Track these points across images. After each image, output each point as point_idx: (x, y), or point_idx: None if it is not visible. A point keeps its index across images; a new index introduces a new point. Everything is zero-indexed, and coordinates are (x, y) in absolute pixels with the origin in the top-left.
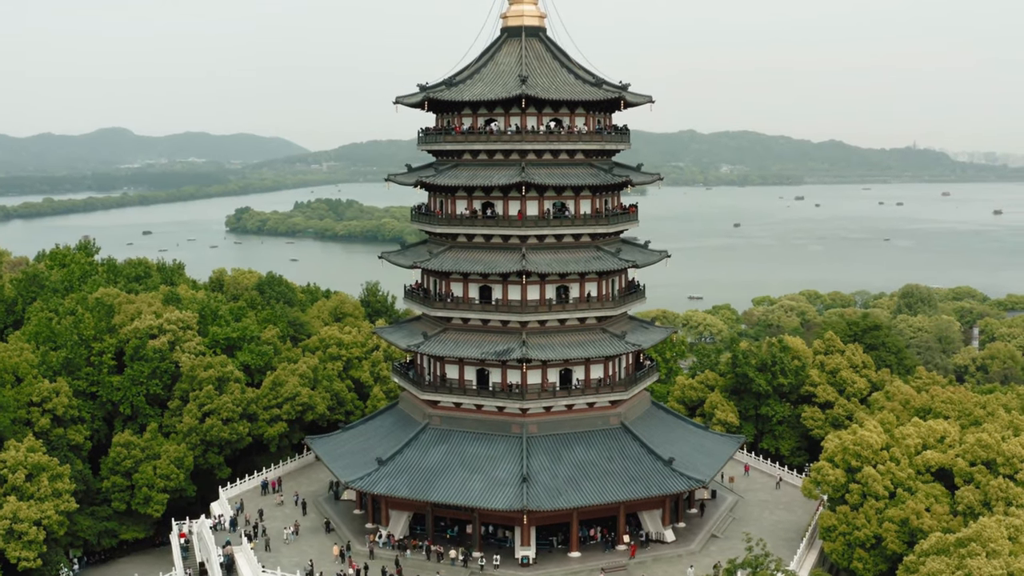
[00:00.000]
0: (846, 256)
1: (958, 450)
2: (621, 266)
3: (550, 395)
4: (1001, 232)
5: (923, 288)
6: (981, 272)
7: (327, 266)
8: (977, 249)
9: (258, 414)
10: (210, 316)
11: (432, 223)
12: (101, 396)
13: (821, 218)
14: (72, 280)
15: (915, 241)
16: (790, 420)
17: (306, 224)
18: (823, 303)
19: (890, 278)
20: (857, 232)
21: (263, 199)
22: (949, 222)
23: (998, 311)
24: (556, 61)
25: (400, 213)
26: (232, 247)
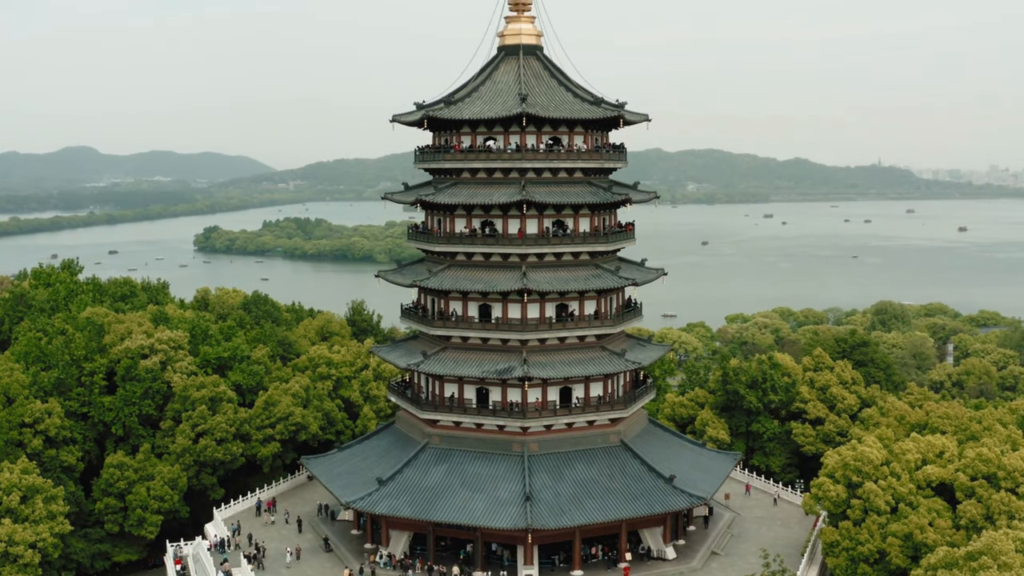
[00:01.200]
0: (815, 273)
1: (958, 464)
2: (621, 284)
3: (551, 413)
4: (968, 249)
5: (896, 305)
6: (950, 289)
7: (298, 285)
8: (945, 266)
9: (251, 434)
10: (200, 336)
11: (431, 242)
12: (93, 417)
13: (789, 236)
14: (58, 299)
15: (883, 258)
16: (780, 437)
17: (275, 243)
18: (796, 320)
19: (860, 295)
20: (825, 249)
21: (230, 218)
22: (916, 239)
23: (971, 327)
24: (554, 79)
25: (369, 232)
26: (201, 266)
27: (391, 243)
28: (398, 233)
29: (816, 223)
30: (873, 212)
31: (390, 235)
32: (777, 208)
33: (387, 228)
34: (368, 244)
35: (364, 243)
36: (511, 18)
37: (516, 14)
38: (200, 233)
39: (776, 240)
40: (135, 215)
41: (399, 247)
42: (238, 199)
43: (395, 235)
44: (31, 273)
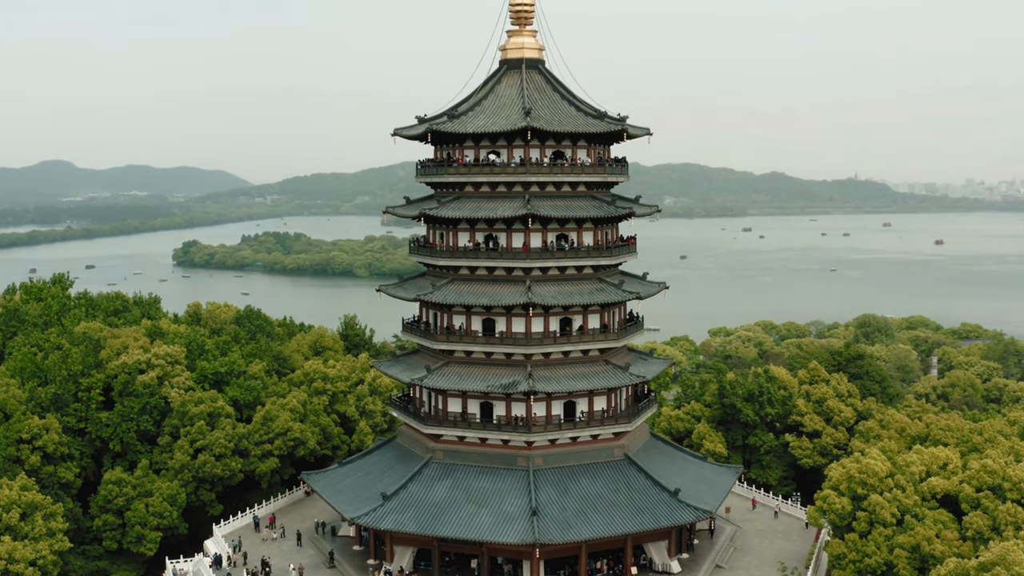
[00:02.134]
0: (795, 287)
1: (962, 476)
2: (625, 298)
3: (556, 428)
4: (946, 262)
5: (880, 318)
6: (931, 302)
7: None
8: (924, 279)
9: (249, 450)
10: (197, 350)
11: (434, 256)
12: (90, 432)
13: (767, 249)
14: (50, 314)
15: (861, 271)
16: (776, 450)
17: (254, 257)
18: (779, 333)
19: (840, 308)
20: (804, 263)
21: (208, 232)
22: (893, 252)
23: (953, 340)
24: (556, 93)
25: (348, 246)
26: (181, 281)
27: (371, 257)
28: (377, 247)
29: (794, 236)
30: (850, 225)
31: (369, 249)
32: (754, 222)
33: (366, 242)
34: (348, 258)
35: (344, 257)
36: (513, 32)
37: (518, 28)
38: (179, 247)
39: (755, 254)
40: (112, 229)
41: (379, 261)
42: (216, 213)
43: (374, 249)
44: (21, 287)
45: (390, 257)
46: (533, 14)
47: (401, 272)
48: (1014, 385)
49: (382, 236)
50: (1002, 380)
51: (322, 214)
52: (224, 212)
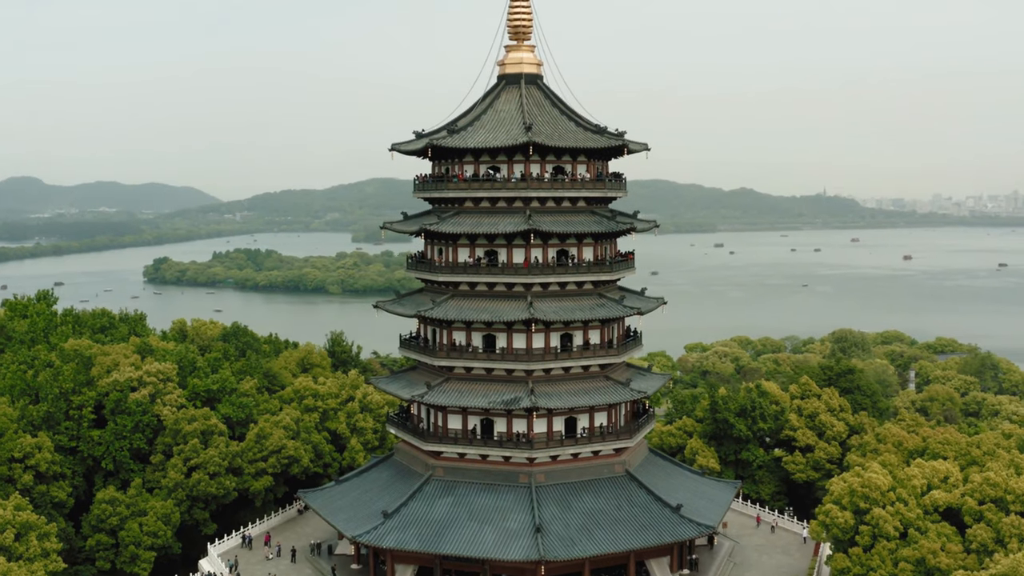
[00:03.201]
0: (767, 302)
1: (964, 489)
2: (627, 313)
3: (558, 444)
4: (917, 277)
5: (856, 333)
6: (902, 316)
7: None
8: (895, 294)
9: (243, 468)
10: (188, 368)
11: (434, 271)
12: (82, 451)
13: (738, 265)
14: (36, 331)
15: (833, 287)
16: (769, 465)
17: (226, 274)
18: (755, 349)
19: (813, 323)
20: (775, 278)
21: (178, 249)
22: (863, 267)
23: (929, 354)
24: (556, 108)
25: (321, 263)
26: (152, 298)
27: (343, 274)
28: (350, 264)
29: (764, 252)
30: (819, 241)
31: (342, 266)
32: (724, 237)
33: (338, 259)
34: (320, 275)
35: (316, 274)
36: (511, 47)
37: (516, 43)
38: (150, 264)
39: (726, 269)
40: (82, 246)
41: (351, 278)
42: (185, 230)
43: (347, 266)
44: (5, 304)
45: (362, 274)
46: (531, 29)
47: (374, 289)
48: (992, 399)
49: (353, 253)
50: (980, 394)
51: (292, 230)
52: (194, 229)
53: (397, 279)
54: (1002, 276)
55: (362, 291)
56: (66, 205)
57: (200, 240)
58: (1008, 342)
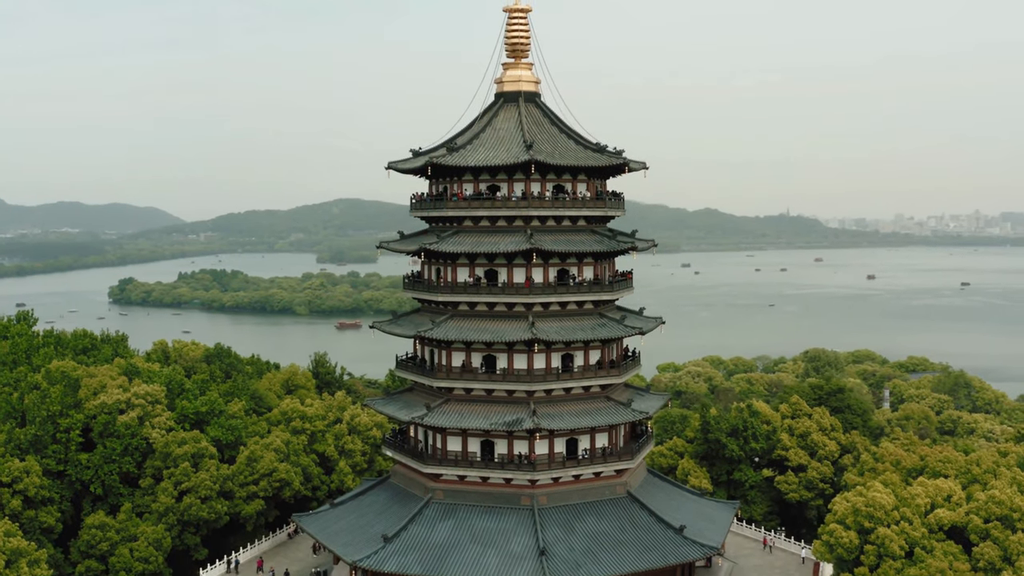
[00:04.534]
0: (735, 322)
1: (968, 507)
2: (628, 333)
3: (560, 465)
4: (883, 296)
5: (829, 352)
6: (871, 335)
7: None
8: (862, 313)
9: (234, 491)
10: (176, 389)
11: (433, 291)
12: (70, 475)
13: (704, 285)
14: (19, 352)
15: (799, 306)
16: (761, 485)
17: (192, 295)
18: (727, 368)
19: (782, 343)
20: (742, 298)
21: (142, 270)
22: (828, 287)
23: (902, 373)
24: (555, 127)
25: (287, 284)
26: (118, 319)
27: (311, 295)
28: (316, 285)
29: (729, 272)
30: (783, 261)
31: (308, 287)
32: (689, 257)
33: (304, 280)
34: (287, 296)
35: (283, 295)
36: (509, 64)
37: (514, 60)
38: (115, 285)
39: (693, 289)
40: (45, 267)
41: (319, 299)
42: (149, 251)
43: (313, 287)
44: None
45: (329, 294)
46: (529, 47)
47: (341, 309)
48: (968, 417)
49: (319, 273)
50: (955, 412)
51: (256, 251)
52: (157, 249)
53: (364, 300)
54: (967, 295)
55: (329, 312)
56: (28, 225)
57: (164, 261)
58: (977, 360)
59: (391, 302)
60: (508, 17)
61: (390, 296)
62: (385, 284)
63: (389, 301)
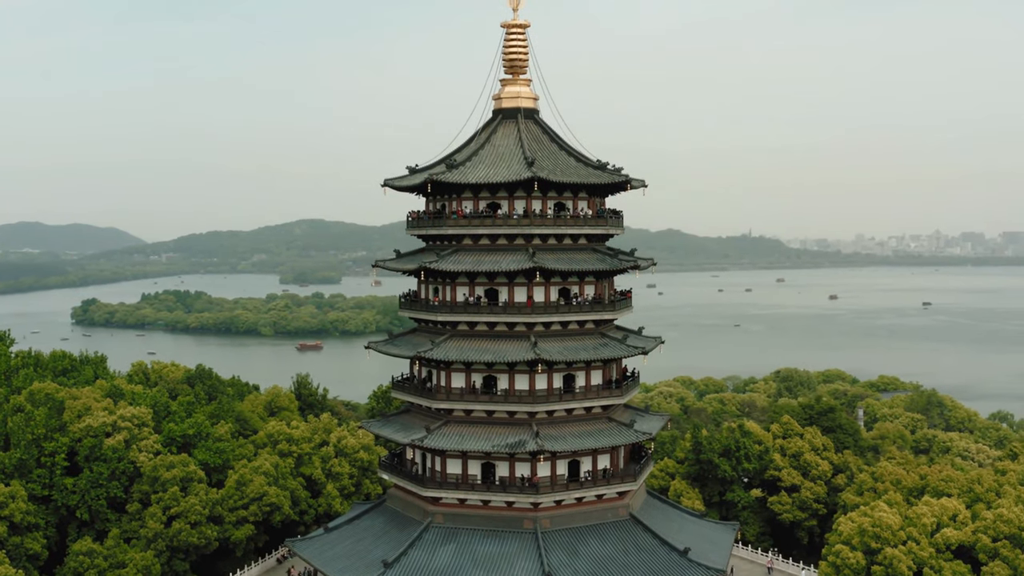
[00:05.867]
0: (702, 342)
1: (975, 526)
2: (631, 353)
3: (563, 488)
4: (847, 316)
5: (801, 372)
6: (838, 354)
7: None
8: (827, 332)
9: (223, 516)
10: (162, 412)
11: (432, 311)
12: (56, 500)
13: (669, 305)
14: None
15: (764, 326)
16: (753, 506)
17: (156, 316)
18: (697, 389)
19: (750, 363)
20: (708, 318)
21: (104, 290)
22: (792, 307)
23: (873, 392)
24: (554, 144)
25: (251, 305)
26: (82, 340)
27: (275, 316)
28: (281, 306)
29: (693, 293)
30: (745, 281)
31: (273, 308)
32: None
33: (268, 301)
34: (252, 317)
35: (248, 316)
36: (507, 81)
37: (512, 77)
38: (78, 306)
39: (658, 310)
40: (6, 287)
41: (284, 320)
42: (110, 271)
43: (278, 308)
44: None
45: (295, 315)
46: (527, 63)
47: (307, 331)
48: (943, 436)
49: (284, 295)
50: (930, 431)
51: (219, 272)
52: (119, 270)
53: (330, 320)
54: (930, 314)
55: (295, 333)
56: None
57: (126, 282)
58: (945, 379)
59: (357, 323)
60: (506, 33)
61: (356, 317)
62: (350, 305)
63: (355, 322)
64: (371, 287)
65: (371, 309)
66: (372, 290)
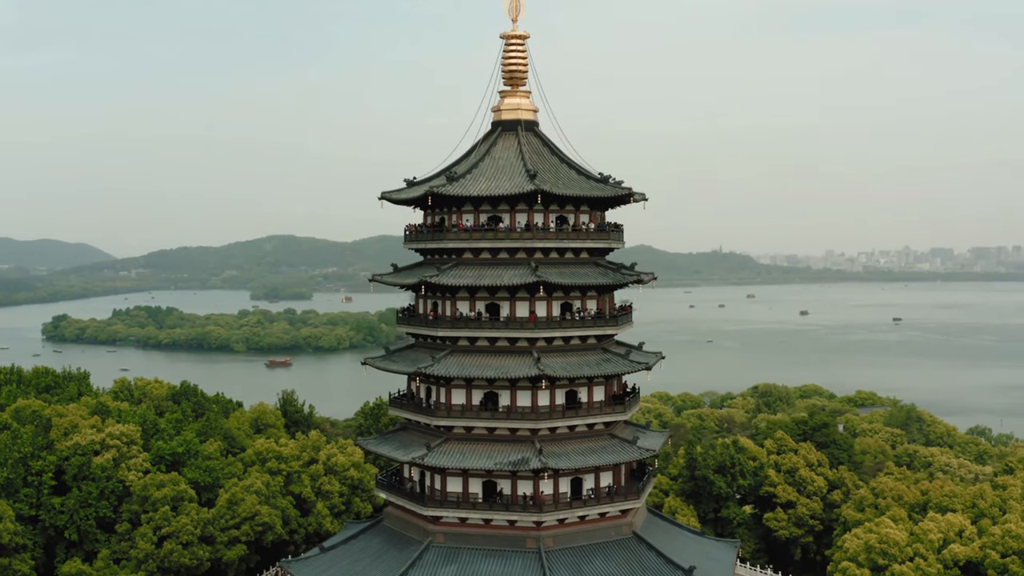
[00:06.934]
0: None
1: (982, 542)
2: (634, 369)
3: (566, 506)
4: (820, 332)
5: (780, 387)
6: (813, 370)
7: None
8: (801, 348)
9: (215, 536)
10: (151, 429)
11: (432, 326)
12: (43, 520)
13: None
14: None
15: (737, 342)
16: (749, 522)
17: (127, 332)
18: (675, 404)
19: (725, 379)
20: (680, 334)
21: (74, 306)
22: (764, 323)
23: (851, 407)
24: (555, 156)
25: (224, 321)
26: (54, 356)
27: (248, 332)
28: (253, 322)
29: (665, 309)
30: (717, 297)
31: (245, 324)
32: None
33: (240, 317)
34: (225, 333)
35: (220, 332)
36: (506, 92)
37: (511, 88)
38: (48, 322)
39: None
40: None
41: (256, 336)
42: (80, 287)
43: (251, 324)
44: None
45: (267, 331)
46: (527, 75)
47: (279, 347)
48: (924, 451)
49: (256, 311)
50: (910, 446)
51: (189, 288)
52: (89, 286)
53: (303, 337)
54: (901, 330)
55: (267, 349)
56: None
57: (96, 297)
58: (920, 394)
59: (330, 339)
60: (505, 44)
61: (329, 333)
62: (323, 321)
63: (328, 338)
64: (342, 303)
65: (344, 325)
66: (344, 306)
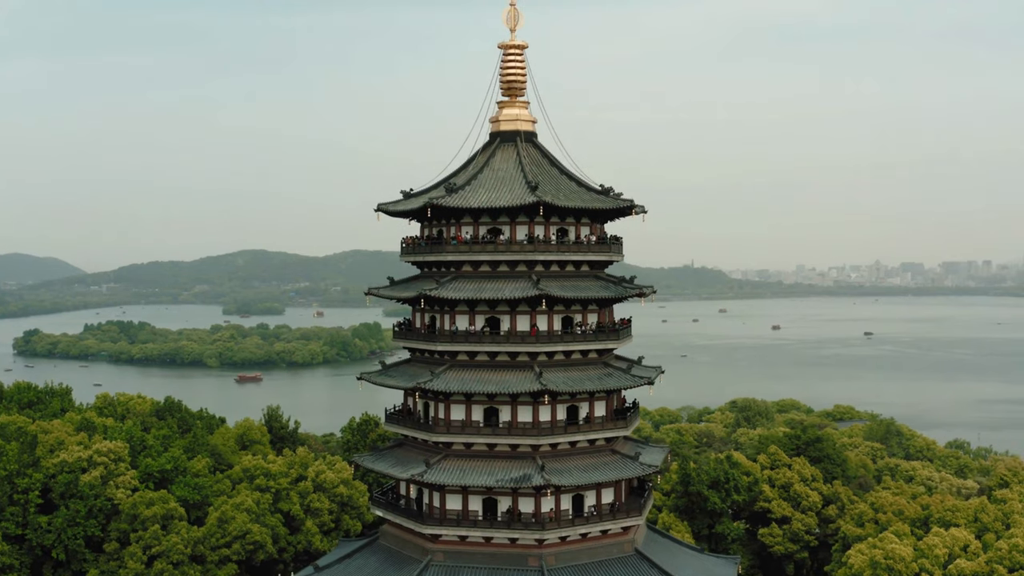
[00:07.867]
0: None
1: (988, 556)
2: (637, 383)
3: (568, 523)
4: (794, 346)
5: (759, 402)
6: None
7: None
8: (776, 362)
9: (205, 555)
10: (138, 446)
11: (431, 340)
12: (30, 539)
13: None
14: None
15: (712, 357)
16: (743, 538)
17: (99, 347)
18: (653, 419)
19: (701, 393)
20: (654, 349)
21: (45, 321)
22: (738, 338)
23: (829, 422)
24: (554, 167)
25: (196, 336)
26: (26, 371)
27: (221, 347)
28: (227, 337)
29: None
30: (689, 312)
31: (218, 339)
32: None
33: (213, 332)
34: (198, 348)
35: (193, 347)
36: (504, 103)
37: (509, 99)
38: (19, 336)
39: None
40: None
41: (230, 351)
42: (50, 302)
43: (224, 339)
44: None
45: (241, 346)
46: (525, 85)
47: (253, 361)
48: (905, 465)
49: (228, 325)
50: (891, 460)
51: (160, 303)
52: (59, 300)
53: (276, 351)
54: (873, 344)
55: (240, 364)
56: None
57: (67, 312)
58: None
59: (304, 354)
60: (503, 54)
61: (302, 348)
62: (296, 336)
63: (301, 353)
64: (314, 318)
65: (318, 340)
66: (316, 321)
